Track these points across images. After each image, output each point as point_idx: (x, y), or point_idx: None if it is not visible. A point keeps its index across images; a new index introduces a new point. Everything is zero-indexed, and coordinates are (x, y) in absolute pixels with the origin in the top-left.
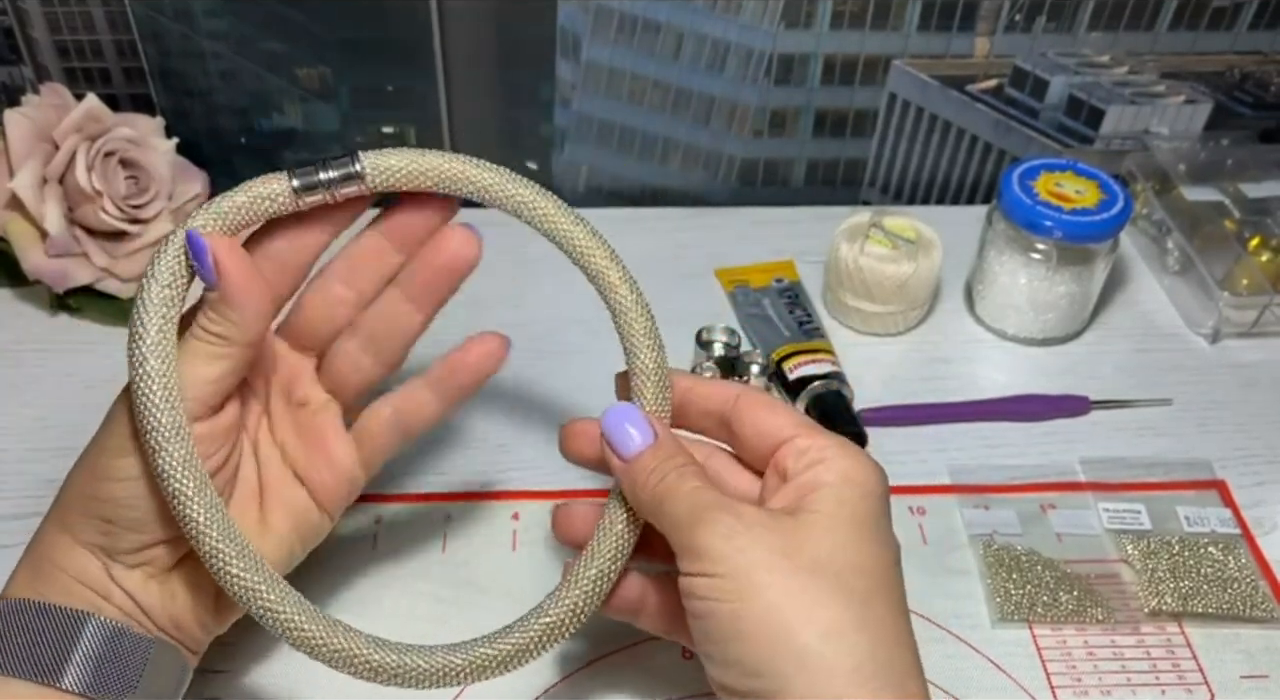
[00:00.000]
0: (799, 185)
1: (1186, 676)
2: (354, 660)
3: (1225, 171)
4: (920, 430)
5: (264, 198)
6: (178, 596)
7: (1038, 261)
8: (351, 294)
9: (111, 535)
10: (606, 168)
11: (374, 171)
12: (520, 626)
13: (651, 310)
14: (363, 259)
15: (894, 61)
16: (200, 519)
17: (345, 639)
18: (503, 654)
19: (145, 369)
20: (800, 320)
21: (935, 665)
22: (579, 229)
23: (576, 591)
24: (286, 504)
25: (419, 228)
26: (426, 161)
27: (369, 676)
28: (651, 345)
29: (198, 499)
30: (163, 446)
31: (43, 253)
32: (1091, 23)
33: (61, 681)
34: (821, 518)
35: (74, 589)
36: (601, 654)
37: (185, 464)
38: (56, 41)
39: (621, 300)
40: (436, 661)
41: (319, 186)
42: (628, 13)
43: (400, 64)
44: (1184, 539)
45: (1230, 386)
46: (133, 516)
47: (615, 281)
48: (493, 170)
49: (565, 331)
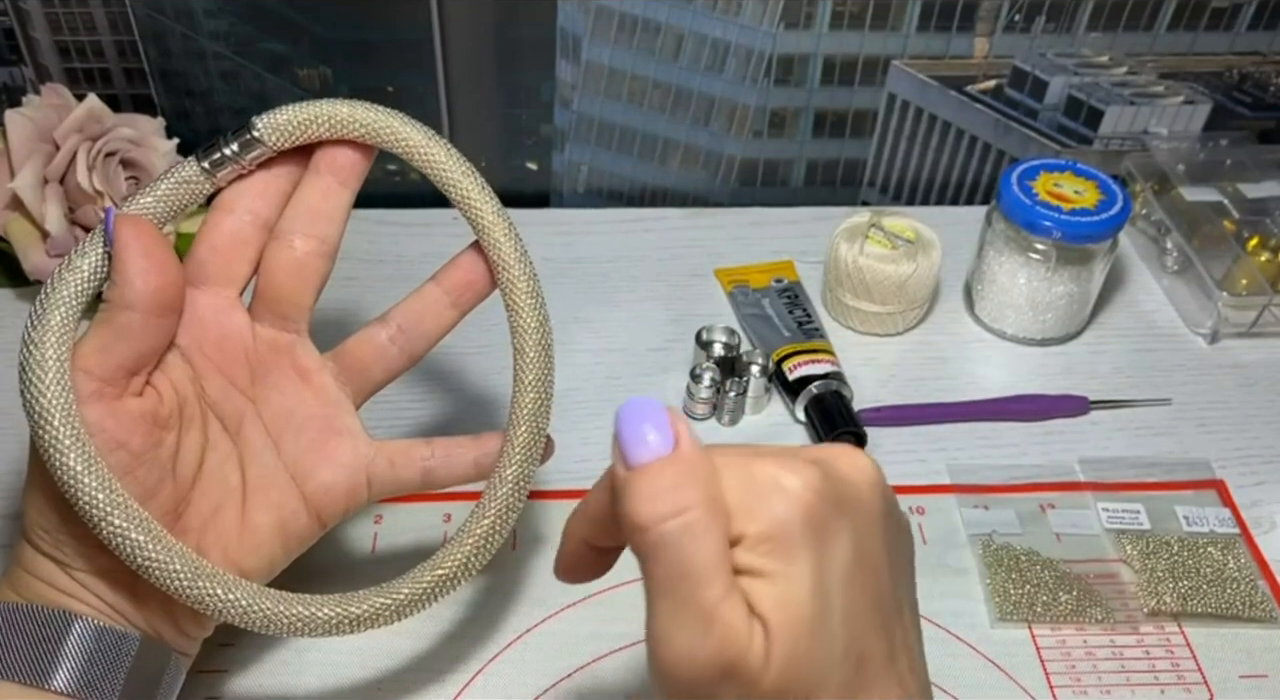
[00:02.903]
0: (798, 185)
1: (1185, 676)
2: (250, 612)
3: (1224, 172)
4: (920, 430)
5: (180, 183)
6: (147, 601)
7: (1037, 261)
8: (314, 242)
9: (57, 543)
10: (606, 168)
11: (269, 131)
12: (414, 577)
13: (531, 263)
14: (315, 202)
15: (893, 62)
16: (77, 468)
17: (240, 592)
18: (397, 603)
19: (32, 337)
20: (800, 320)
21: (935, 665)
22: (467, 179)
23: (468, 546)
24: (274, 505)
25: (355, 155)
26: (314, 110)
27: (264, 628)
28: (534, 304)
29: (74, 450)
30: (41, 401)
31: (44, 253)
32: (1090, 23)
33: (51, 682)
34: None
35: (48, 595)
36: (601, 654)
37: (55, 411)
38: (57, 42)
39: (499, 247)
40: (333, 612)
41: (225, 161)
42: (628, 13)
43: (400, 64)
44: (1183, 539)
45: (1229, 386)
46: (54, 519)
47: (491, 226)
48: (381, 111)
49: (565, 331)
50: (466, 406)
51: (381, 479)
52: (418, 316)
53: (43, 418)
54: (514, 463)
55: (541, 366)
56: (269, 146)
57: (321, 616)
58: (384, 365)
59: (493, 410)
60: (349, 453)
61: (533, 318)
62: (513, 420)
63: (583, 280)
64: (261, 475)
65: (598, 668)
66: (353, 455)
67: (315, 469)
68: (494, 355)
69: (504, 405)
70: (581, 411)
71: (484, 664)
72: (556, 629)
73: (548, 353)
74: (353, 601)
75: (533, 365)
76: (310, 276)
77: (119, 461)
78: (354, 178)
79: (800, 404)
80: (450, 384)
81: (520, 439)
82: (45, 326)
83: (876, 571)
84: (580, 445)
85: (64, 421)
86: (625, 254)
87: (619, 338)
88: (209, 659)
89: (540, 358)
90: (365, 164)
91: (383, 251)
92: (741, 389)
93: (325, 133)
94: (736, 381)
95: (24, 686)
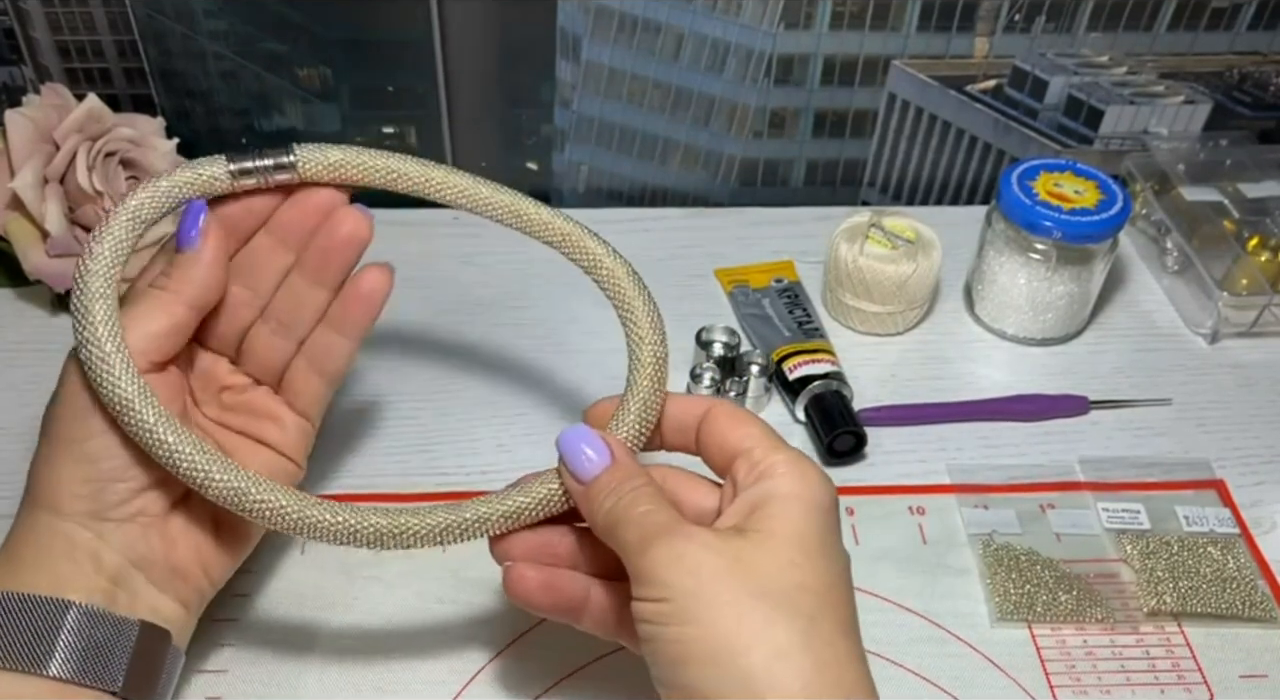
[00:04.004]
0: (798, 185)
1: (1185, 676)
2: (335, 528)
3: (1224, 172)
4: (920, 430)
5: (204, 178)
6: (178, 542)
7: (1037, 261)
8: (248, 293)
9: (98, 494)
10: (606, 168)
11: (305, 162)
12: (485, 502)
13: (656, 304)
14: (256, 259)
15: (893, 62)
16: (170, 440)
17: (317, 510)
18: (465, 521)
19: (90, 317)
20: (800, 320)
21: (934, 665)
22: (541, 212)
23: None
24: (258, 466)
25: (307, 224)
26: (356, 156)
27: (356, 542)
28: (655, 341)
29: (162, 423)
30: (114, 379)
31: (43, 253)
32: (1091, 23)
33: (48, 669)
34: (767, 537)
35: (60, 569)
36: (601, 654)
37: (140, 392)
38: (57, 42)
39: (617, 285)
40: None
41: (253, 171)
42: (628, 13)
43: (400, 64)
44: (1183, 539)
45: (1229, 386)
46: (112, 466)
47: (600, 258)
48: (410, 160)
49: (564, 332)
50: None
51: (306, 408)
52: (290, 306)
53: (96, 344)
54: (632, 412)
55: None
56: (299, 174)
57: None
58: (277, 355)
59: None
60: (279, 408)
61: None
62: (631, 378)
63: (583, 280)
64: (228, 449)
65: (598, 668)
66: (283, 409)
67: (264, 432)
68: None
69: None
70: (581, 412)
71: (484, 664)
72: (557, 629)
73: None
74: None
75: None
76: (237, 321)
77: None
78: (299, 241)
79: (800, 404)
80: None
81: (641, 388)
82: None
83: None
84: None
85: (115, 347)
86: (625, 254)
87: (619, 338)
88: (209, 658)
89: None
90: (313, 231)
91: (383, 251)
92: (741, 389)
93: (357, 179)
94: (736, 381)
95: (22, 675)
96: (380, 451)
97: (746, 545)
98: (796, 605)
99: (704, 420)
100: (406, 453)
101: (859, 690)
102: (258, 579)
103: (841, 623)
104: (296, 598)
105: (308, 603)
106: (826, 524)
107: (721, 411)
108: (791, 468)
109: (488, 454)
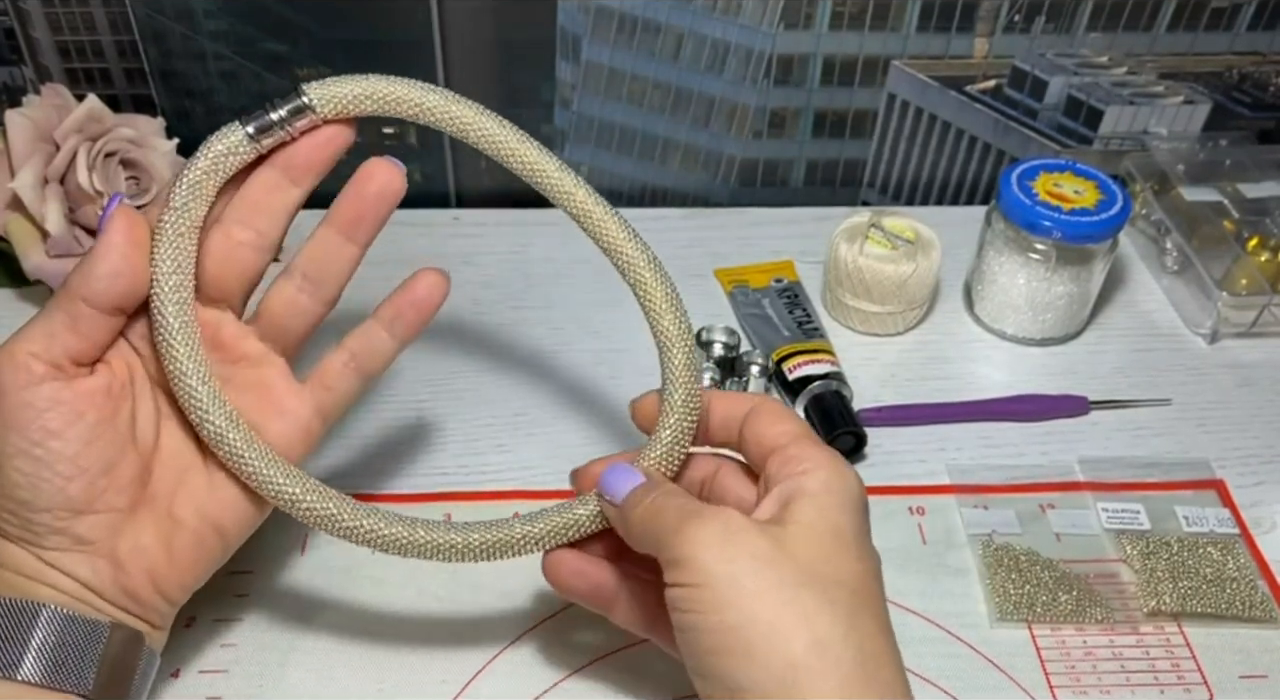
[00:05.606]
0: (798, 186)
1: (1185, 676)
2: (362, 532)
3: (1224, 172)
4: (920, 430)
5: (225, 154)
6: (127, 566)
7: (1036, 262)
8: (250, 234)
9: (27, 523)
10: (606, 168)
11: (321, 101)
12: (531, 519)
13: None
14: (258, 196)
15: (893, 62)
16: (224, 429)
17: (358, 515)
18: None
19: (175, 353)
20: (800, 320)
21: (934, 665)
22: (530, 149)
23: (583, 510)
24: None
25: (312, 157)
26: (370, 86)
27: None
28: (675, 315)
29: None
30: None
31: (44, 253)
32: (1090, 23)
33: (18, 673)
34: (802, 529)
35: (17, 583)
36: (601, 654)
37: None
38: (58, 42)
39: (611, 239)
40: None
41: (272, 126)
42: (628, 13)
43: (400, 64)
44: (1183, 539)
45: (1229, 386)
46: (24, 497)
47: (589, 207)
48: (435, 92)
49: (565, 332)
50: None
51: (329, 404)
52: (319, 262)
53: (182, 377)
54: (671, 420)
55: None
56: (318, 116)
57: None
58: (299, 315)
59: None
60: (291, 400)
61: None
62: (667, 380)
63: (583, 280)
64: None
65: (598, 668)
66: (295, 401)
67: (266, 423)
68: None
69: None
70: (581, 412)
71: (484, 664)
72: (557, 629)
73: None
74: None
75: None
76: (239, 266)
77: (79, 433)
78: (306, 177)
79: (800, 404)
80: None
81: (678, 396)
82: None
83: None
84: (582, 445)
85: (177, 314)
86: None
87: (619, 338)
88: (209, 659)
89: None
90: (322, 166)
91: (383, 251)
92: (741, 389)
93: (375, 110)
94: (736, 381)
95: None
96: (380, 451)
97: (784, 534)
98: (835, 598)
99: (747, 416)
100: (406, 452)
101: (895, 689)
102: (258, 579)
103: (877, 618)
104: (297, 598)
105: (308, 603)
106: (859, 522)
107: (764, 409)
108: (826, 464)
109: (488, 454)
